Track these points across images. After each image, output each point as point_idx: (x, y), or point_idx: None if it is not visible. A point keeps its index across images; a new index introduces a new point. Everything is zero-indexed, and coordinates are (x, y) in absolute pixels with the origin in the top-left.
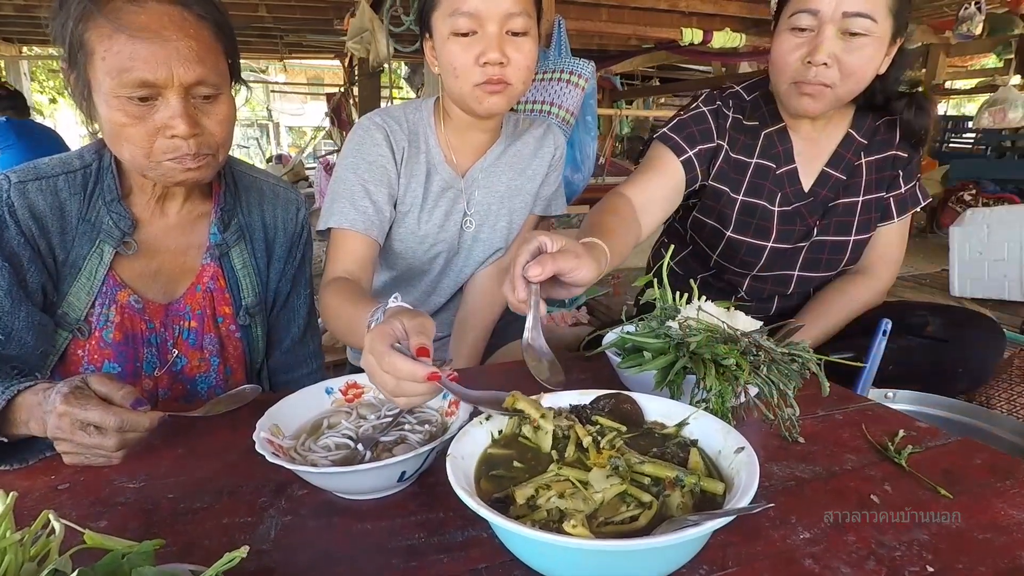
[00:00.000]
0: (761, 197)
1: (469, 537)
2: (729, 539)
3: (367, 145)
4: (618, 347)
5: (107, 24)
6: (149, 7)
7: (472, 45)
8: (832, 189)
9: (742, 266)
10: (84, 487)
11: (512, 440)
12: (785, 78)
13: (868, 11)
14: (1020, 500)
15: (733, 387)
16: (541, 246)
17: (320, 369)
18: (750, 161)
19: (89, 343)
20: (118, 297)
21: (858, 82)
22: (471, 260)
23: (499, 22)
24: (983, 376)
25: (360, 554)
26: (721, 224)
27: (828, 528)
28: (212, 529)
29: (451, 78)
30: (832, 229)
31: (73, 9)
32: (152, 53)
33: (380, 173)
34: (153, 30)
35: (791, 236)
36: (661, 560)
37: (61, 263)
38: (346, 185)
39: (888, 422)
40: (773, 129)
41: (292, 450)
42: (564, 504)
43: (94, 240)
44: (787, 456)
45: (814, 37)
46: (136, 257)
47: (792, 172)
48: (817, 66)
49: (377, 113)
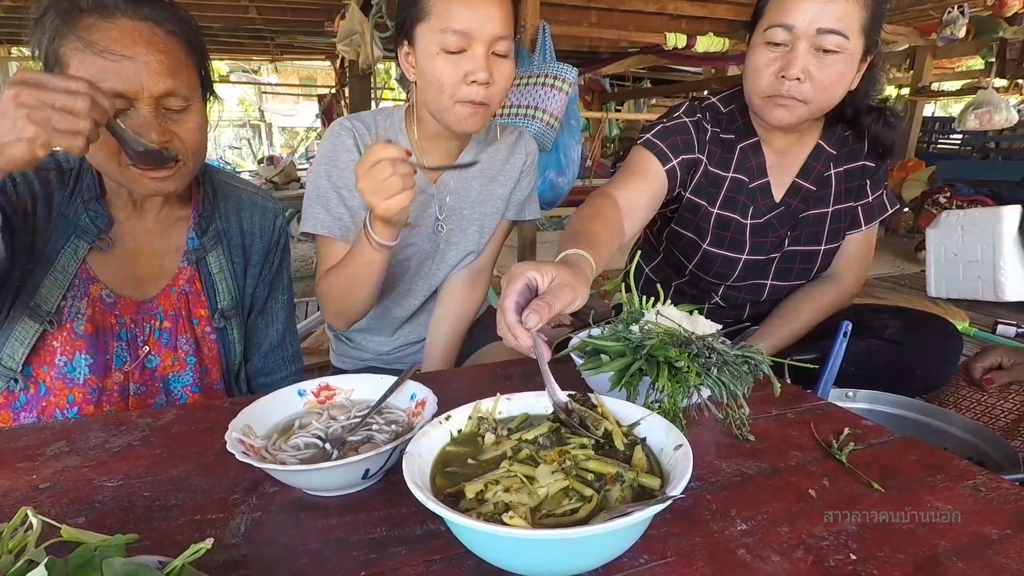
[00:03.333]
0: (735, 211)
1: (427, 531)
2: (671, 530)
3: (338, 151)
4: (581, 350)
5: (78, 40)
6: (120, 23)
7: (461, 63)
8: (803, 200)
9: (716, 277)
10: (64, 486)
11: (470, 439)
12: (759, 91)
13: (842, 28)
14: (947, 493)
15: (684, 388)
16: (529, 283)
17: (299, 372)
18: (726, 175)
19: (62, 334)
20: (90, 291)
21: (830, 98)
22: (444, 263)
23: (487, 43)
24: (941, 377)
25: (324, 547)
26: (698, 236)
27: (764, 521)
28: (185, 525)
29: (435, 92)
30: (803, 239)
31: (48, 26)
32: (122, 68)
33: (349, 177)
34: (123, 45)
35: (763, 248)
36: (597, 548)
37: (39, 251)
38: (321, 191)
39: (836, 421)
40: (747, 143)
41: (263, 450)
42: (509, 498)
43: (69, 235)
44: (736, 454)
45: (788, 52)
46: (112, 254)
47: (764, 185)
48: (790, 80)
49: (347, 118)
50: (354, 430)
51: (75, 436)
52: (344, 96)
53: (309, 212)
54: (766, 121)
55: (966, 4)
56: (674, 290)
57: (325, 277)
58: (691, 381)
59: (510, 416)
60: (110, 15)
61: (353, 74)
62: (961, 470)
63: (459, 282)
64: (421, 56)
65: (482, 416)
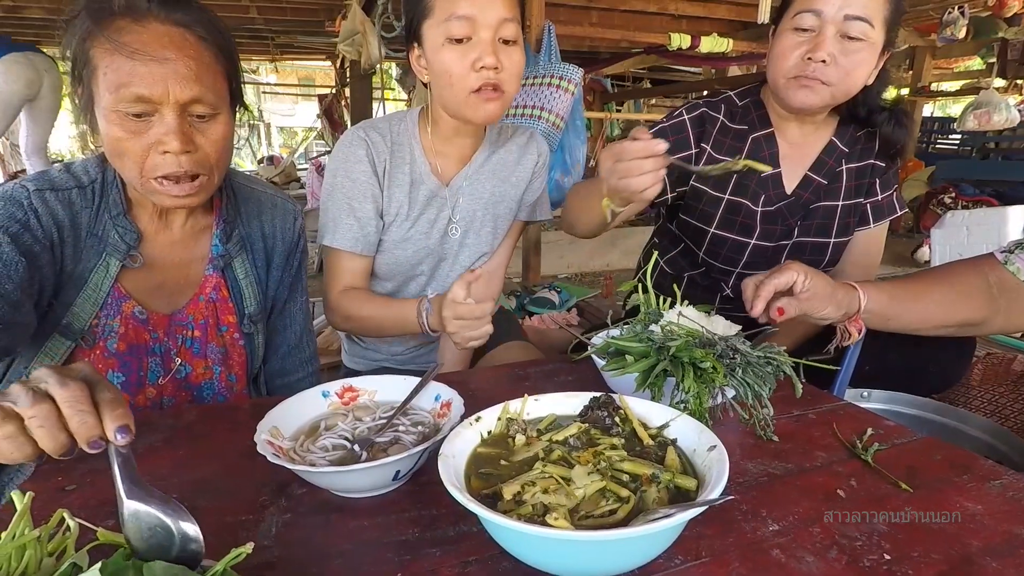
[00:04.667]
0: (745, 196)
1: (460, 532)
2: (703, 531)
3: (350, 162)
4: (602, 351)
5: (109, 42)
6: (151, 27)
7: (467, 52)
8: (814, 193)
9: (726, 262)
10: (91, 488)
11: (500, 440)
12: (784, 72)
13: (867, 16)
14: (975, 493)
15: (710, 389)
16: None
17: (316, 373)
18: None
19: (93, 352)
20: (123, 308)
21: (851, 84)
22: (457, 265)
23: (492, 28)
24: (954, 376)
25: (357, 549)
26: (705, 222)
27: (796, 521)
28: (215, 526)
29: (445, 87)
30: (813, 231)
31: (79, 27)
32: (150, 71)
33: (362, 189)
34: (153, 49)
35: (773, 235)
36: (638, 550)
37: (68, 273)
38: (334, 203)
39: (858, 421)
40: (761, 133)
41: (291, 451)
42: (548, 499)
43: (100, 253)
44: (761, 454)
45: (815, 36)
46: (141, 269)
47: (776, 176)
48: (817, 63)
49: (361, 127)
50: (381, 431)
51: None
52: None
53: (327, 225)
54: (790, 103)
55: (966, 5)
56: (687, 282)
57: (348, 303)
58: (717, 381)
59: (538, 417)
60: (142, 18)
61: (354, 74)
62: (987, 470)
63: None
64: (430, 52)
65: (511, 417)
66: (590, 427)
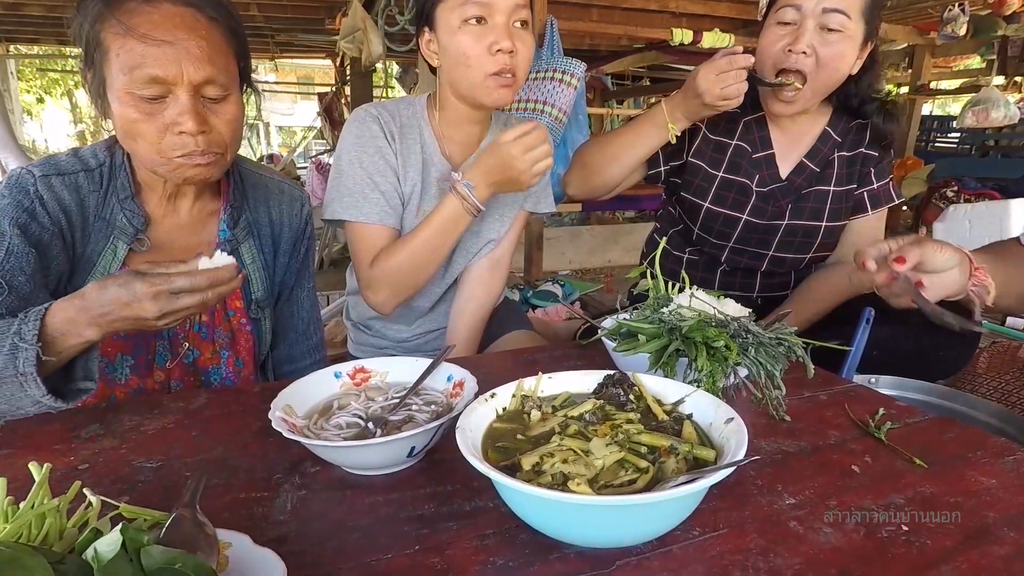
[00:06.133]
0: (739, 174)
1: (476, 507)
2: (720, 505)
3: (366, 137)
4: (613, 332)
5: (120, 25)
6: (162, 8)
7: (484, 34)
8: (807, 179)
9: (719, 237)
10: (104, 467)
11: (516, 416)
12: (768, 65)
13: (844, 8)
14: (990, 468)
15: (723, 367)
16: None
17: (323, 360)
18: (730, 142)
19: None
20: None
21: (831, 75)
22: (465, 251)
23: (508, 13)
24: (960, 363)
25: (374, 523)
26: (700, 197)
27: (812, 495)
28: (231, 503)
29: (462, 68)
30: (806, 214)
31: (90, 10)
32: (163, 52)
33: (383, 162)
34: (165, 30)
35: (764, 213)
36: (661, 516)
37: (78, 257)
38: (354, 180)
39: (869, 402)
40: (752, 117)
41: (305, 428)
42: (567, 468)
43: (108, 236)
44: (774, 433)
45: (795, 29)
46: (148, 253)
47: (770, 157)
48: (797, 54)
49: (372, 105)
50: (394, 410)
51: (108, 419)
52: (345, 95)
53: (348, 201)
54: (771, 109)
55: (966, 2)
56: (686, 263)
57: (385, 259)
58: (731, 360)
59: (552, 395)
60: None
61: (354, 72)
62: (1000, 446)
63: (480, 270)
64: (444, 35)
65: (525, 394)
66: (605, 403)
